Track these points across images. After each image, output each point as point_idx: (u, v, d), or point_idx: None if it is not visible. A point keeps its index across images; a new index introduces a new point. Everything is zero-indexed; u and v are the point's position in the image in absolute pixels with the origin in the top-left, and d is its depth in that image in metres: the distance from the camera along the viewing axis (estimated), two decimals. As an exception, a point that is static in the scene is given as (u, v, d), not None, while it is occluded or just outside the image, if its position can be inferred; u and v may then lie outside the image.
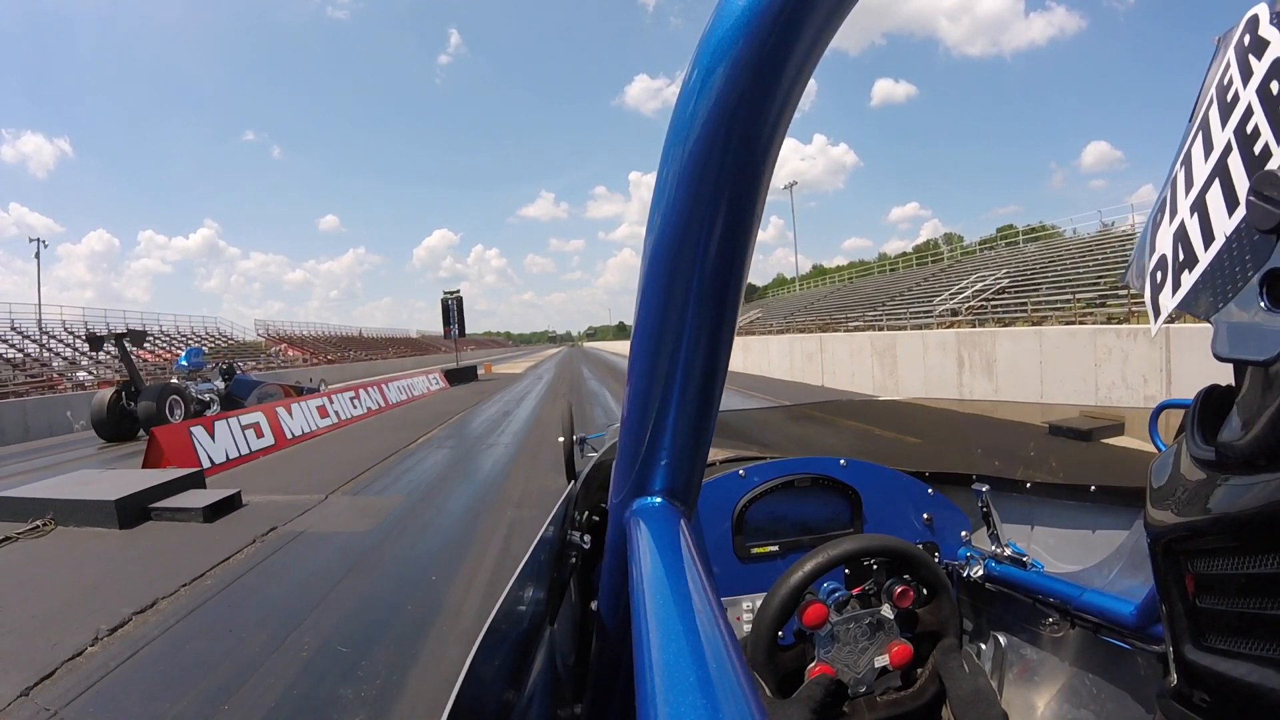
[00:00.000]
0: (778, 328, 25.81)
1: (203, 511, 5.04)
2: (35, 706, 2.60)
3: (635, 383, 0.47)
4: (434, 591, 3.64)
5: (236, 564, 4.13)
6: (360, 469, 7.20)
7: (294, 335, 40.40)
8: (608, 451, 1.31)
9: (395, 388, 15.21)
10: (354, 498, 5.90)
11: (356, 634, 3.14)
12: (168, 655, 2.99)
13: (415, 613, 3.36)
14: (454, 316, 27.76)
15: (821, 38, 0.31)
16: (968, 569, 1.19)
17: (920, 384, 13.10)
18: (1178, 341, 7.80)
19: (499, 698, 0.61)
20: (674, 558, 0.44)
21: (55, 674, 2.85)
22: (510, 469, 7.02)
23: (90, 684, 2.74)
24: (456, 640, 3.02)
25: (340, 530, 4.83)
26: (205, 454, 7.10)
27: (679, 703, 0.28)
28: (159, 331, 29.20)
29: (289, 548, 4.44)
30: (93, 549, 4.56)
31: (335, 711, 2.46)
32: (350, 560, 4.16)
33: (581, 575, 1.08)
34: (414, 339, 64.75)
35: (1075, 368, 9.30)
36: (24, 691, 2.72)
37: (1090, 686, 1.01)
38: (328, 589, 3.68)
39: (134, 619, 3.36)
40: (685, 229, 0.38)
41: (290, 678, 2.72)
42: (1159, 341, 7.86)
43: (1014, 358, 10.66)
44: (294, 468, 7.54)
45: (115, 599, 3.59)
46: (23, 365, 19.71)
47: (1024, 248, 22.67)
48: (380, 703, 2.51)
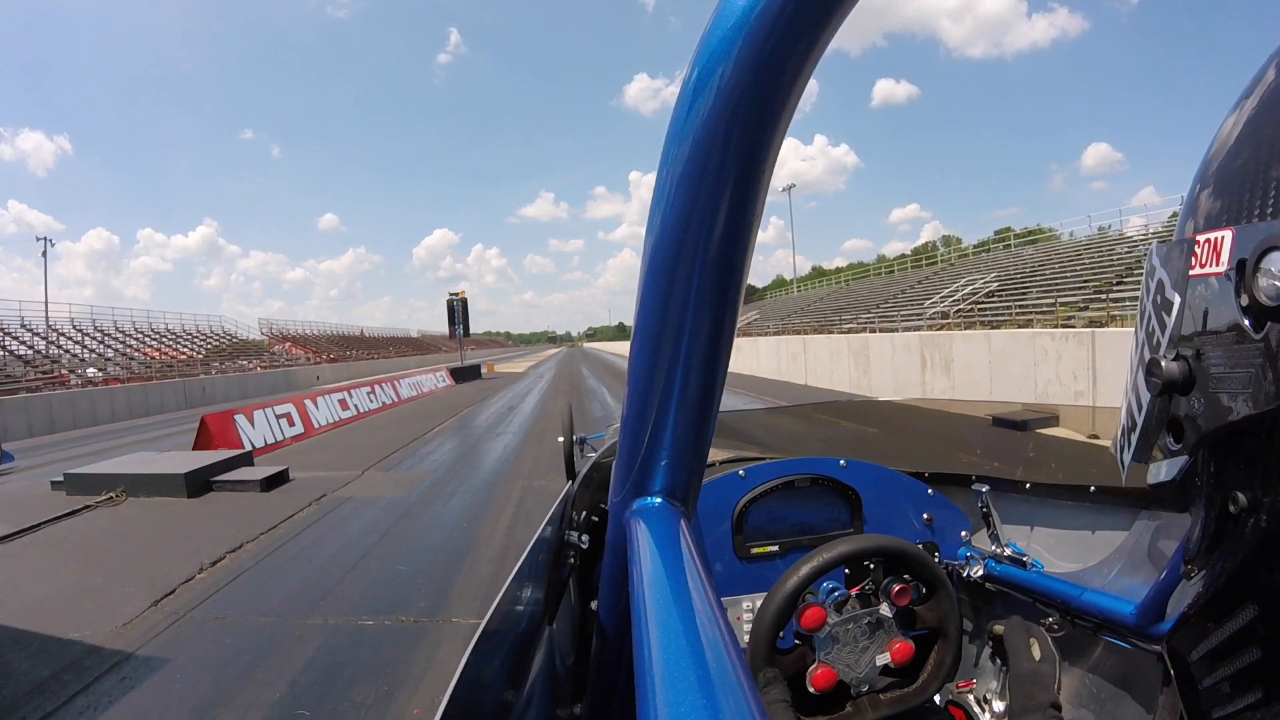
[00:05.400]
0: (774, 329, 26.27)
1: (260, 483, 5.83)
2: (165, 612, 3.39)
3: (635, 383, 0.48)
4: (466, 533, 4.53)
5: (300, 519, 4.95)
6: (387, 451, 8.04)
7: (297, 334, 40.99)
8: (607, 451, 1.33)
9: (406, 384, 16.05)
10: (387, 473, 6.73)
11: (410, 559, 4.02)
12: (263, 577, 3.81)
13: (453, 545, 4.26)
14: (459, 317, 28.69)
15: (822, 38, 0.31)
16: (968, 569, 1.19)
17: (890, 382, 14.11)
18: (1101, 343, 8.90)
19: (497, 698, 0.61)
20: (674, 558, 0.44)
21: (175, 592, 3.64)
22: (519, 451, 7.87)
23: (207, 596, 3.54)
24: (488, 561, 3.94)
25: (382, 495, 5.67)
26: (247, 439, 7.89)
27: (679, 703, 0.28)
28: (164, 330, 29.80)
29: (342, 507, 5.27)
30: (169, 513, 5.35)
31: (405, 604, 3.31)
32: (395, 514, 5.02)
33: (581, 575, 1.08)
34: (415, 338, 65.28)
35: (1018, 366, 10.33)
36: (154, 603, 3.50)
37: (1090, 686, 1.01)
38: (382, 532, 4.54)
39: (227, 556, 4.17)
40: (685, 229, 0.38)
41: (364, 585, 3.59)
42: (1086, 343, 8.88)
43: (968, 358, 11.72)
44: (327, 452, 8.34)
45: (203, 545, 4.37)
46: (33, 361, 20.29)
47: (1017, 251, 22.98)
48: (437, 598, 3.40)
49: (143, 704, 2.47)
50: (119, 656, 2.84)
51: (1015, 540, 1.21)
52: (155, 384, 18.83)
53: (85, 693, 2.55)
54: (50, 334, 23.69)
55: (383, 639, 2.95)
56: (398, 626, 3.08)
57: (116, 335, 26.13)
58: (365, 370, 32.68)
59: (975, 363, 11.47)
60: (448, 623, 3.10)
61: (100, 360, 21.78)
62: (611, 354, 56.23)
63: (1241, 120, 0.31)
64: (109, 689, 2.58)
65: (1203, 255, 0.32)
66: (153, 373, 21.38)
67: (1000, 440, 5.03)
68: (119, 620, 3.23)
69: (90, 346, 23.42)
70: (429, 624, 3.10)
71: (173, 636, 3.05)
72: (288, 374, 25.99)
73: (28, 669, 2.75)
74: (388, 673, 2.63)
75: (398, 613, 3.22)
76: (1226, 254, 0.31)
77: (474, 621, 3.06)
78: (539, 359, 50.37)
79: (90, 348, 23.27)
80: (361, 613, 3.22)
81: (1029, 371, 10.05)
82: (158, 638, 3.03)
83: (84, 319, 26.71)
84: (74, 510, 5.42)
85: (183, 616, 3.29)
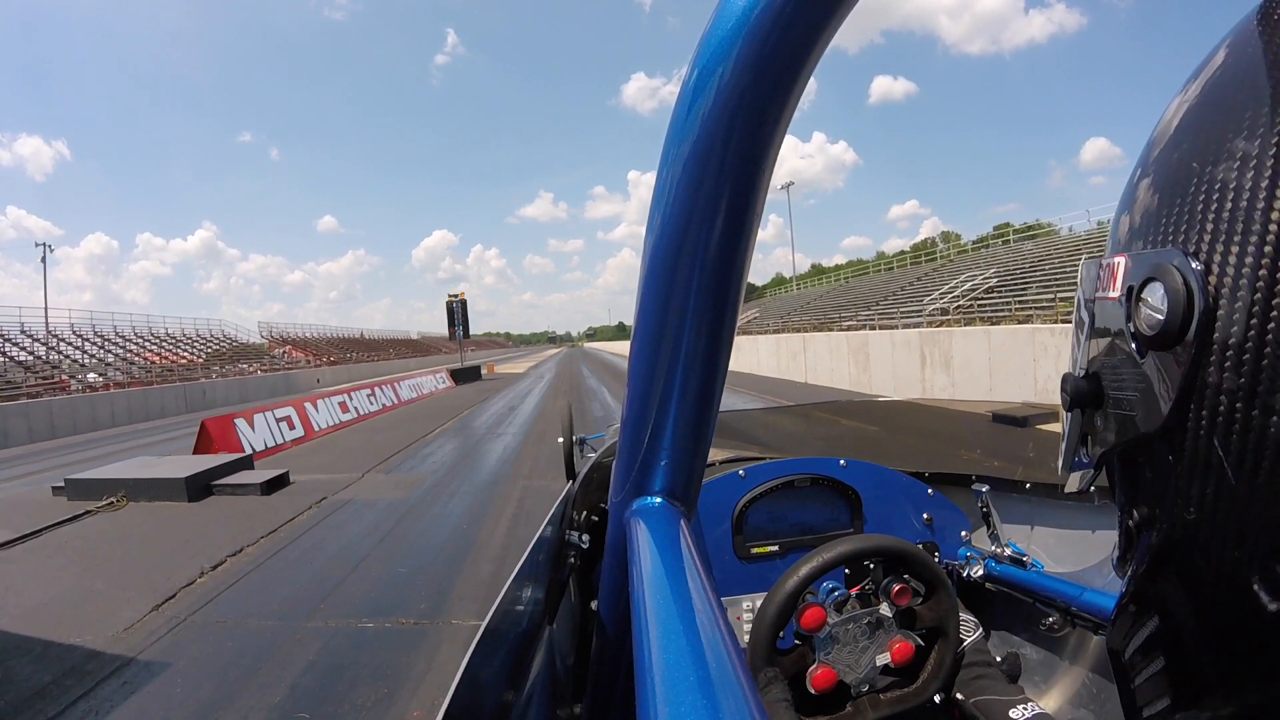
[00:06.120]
0: (774, 327, 26.28)
1: (261, 486, 5.84)
2: (166, 617, 3.39)
3: (635, 383, 0.47)
4: (466, 533, 4.53)
5: (301, 522, 4.95)
6: (388, 454, 8.04)
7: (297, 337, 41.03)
8: (607, 451, 1.32)
9: (406, 386, 16.05)
10: (387, 475, 6.73)
11: (411, 561, 4.02)
12: (264, 580, 3.81)
13: (453, 546, 4.26)
14: (459, 318, 28.73)
15: (822, 38, 0.31)
16: (968, 569, 1.18)
17: (889, 379, 14.11)
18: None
19: (498, 698, 0.62)
20: (674, 558, 0.44)
21: (176, 596, 3.64)
22: (519, 452, 7.87)
23: (208, 600, 3.54)
24: (488, 561, 3.93)
25: (382, 497, 5.67)
26: (247, 443, 7.89)
27: (679, 703, 0.28)
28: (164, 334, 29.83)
29: (343, 510, 5.27)
30: (170, 517, 5.35)
31: (405, 606, 3.31)
32: (396, 516, 5.02)
33: (581, 575, 1.08)
34: (415, 340, 65.44)
35: (1018, 362, 10.33)
36: (155, 607, 3.51)
37: (1090, 686, 1.00)
38: (383, 534, 4.54)
39: (228, 559, 4.17)
40: (685, 229, 0.38)
41: (365, 588, 3.58)
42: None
43: (967, 355, 11.70)
44: (328, 454, 8.34)
45: (204, 549, 4.38)
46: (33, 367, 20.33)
47: (1017, 246, 22.97)
48: (437, 599, 3.39)
49: (144, 708, 2.47)
50: (120, 661, 2.85)
51: (1015, 540, 1.20)
52: (155, 388, 18.87)
53: (87, 697, 2.55)
54: (50, 339, 23.73)
55: (383, 641, 2.96)
56: (398, 629, 3.09)
57: (116, 340, 26.15)
58: (365, 372, 32.72)
59: (975, 359, 11.45)
60: (448, 624, 3.11)
61: (100, 365, 21.80)
62: (611, 354, 56.32)
63: (1182, 108, 0.30)
64: (110, 693, 2.58)
65: (1103, 279, 0.33)
66: (153, 377, 21.41)
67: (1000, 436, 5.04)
68: (120, 625, 3.24)
69: (90, 351, 23.46)
70: (429, 626, 3.10)
71: (174, 640, 3.05)
72: (288, 377, 26.03)
73: (30, 674, 2.75)
74: (388, 675, 2.64)
75: (398, 615, 3.22)
76: (1120, 279, 0.32)
77: (474, 623, 3.07)
78: (539, 359, 50.38)
79: (90, 353, 23.30)
80: (362, 615, 3.23)
81: (1029, 367, 10.04)
82: (159, 642, 3.04)
83: (84, 324, 26.77)
84: (75, 515, 5.43)
85: (184, 620, 3.29)
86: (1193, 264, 0.27)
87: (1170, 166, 0.30)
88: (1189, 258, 0.27)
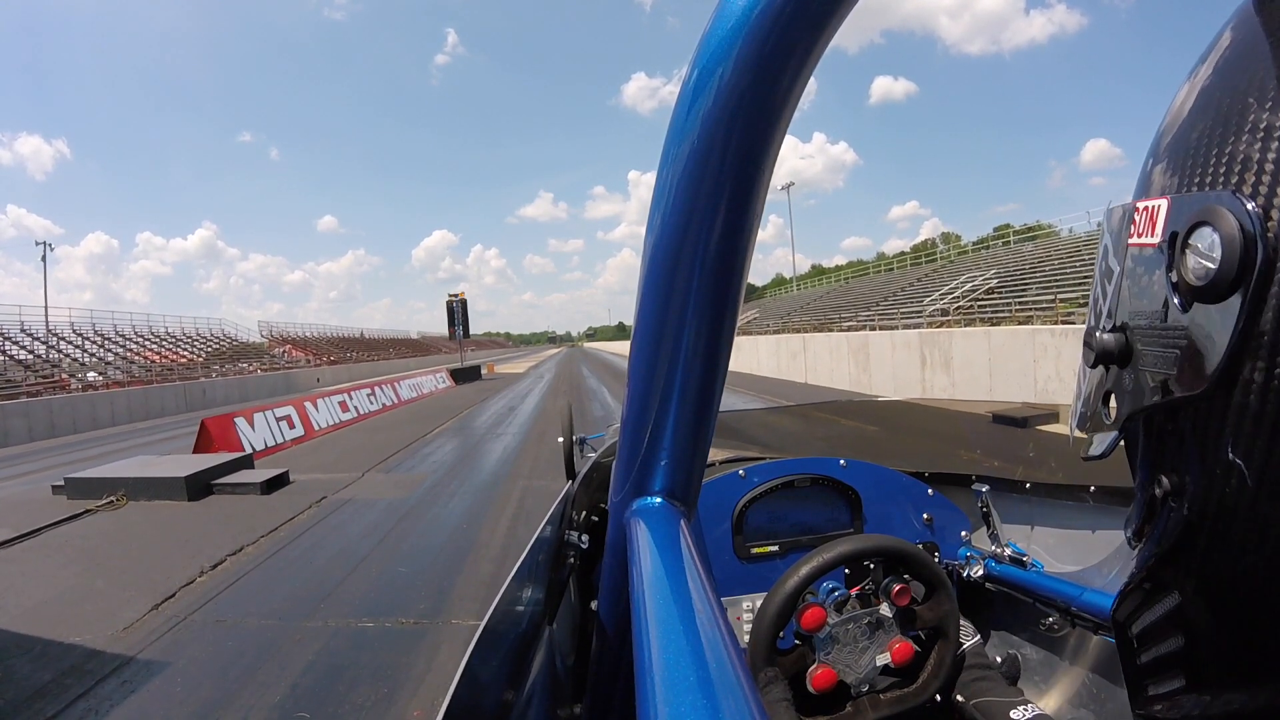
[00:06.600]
0: (774, 328, 26.24)
1: (261, 485, 5.84)
2: (165, 616, 3.39)
3: (635, 383, 0.47)
4: (466, 533, 4.53)
5: (300, 522, 4.95)
6: (388, 453, 8.04)
7: (297, 337, 41.03)
8: (607, 451, 1.32)
9: (406, 385, 16.05)
10: (387, 474, 6.73)
11: (410, 560, 4.02)
12: (264, 579, 3.81)
13: (453, 546, 4.26)
14: (459, 318, 28.73)
15: (822, 38, 0.31)
16: (968, 569, 1.19)
17: (890, 379, 14.10)
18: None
19: (497, 698, 0.62)
20: (674, 558, 0.44)
21: (176, 595, 3.64)
22: (519, 451, 7.87)
23: (208, 599, 3.54)
24: (488, 561, 3.94)
25: (382, 497, 5.67)
26: (247, 442, 7.89)
27: (679, 703, 0.28)
28: (164, 333, 29.83)
29: (343, 509, 5.27)
30: (170, 516, 5.35)
31: (405, 606, 3.31)
32: (395, 515, 5.02)
33: (581, 575, 1.08)
34: (415, 340, 65.41)
35: (1018, 363, 10.32)
36: (155, 606, 3.51)
37: (1090, 686, 1.01)
38: (383, 534, 4.54)
39: (228, 559, 4.17)
40: (685, 229, 0.38)
41: (365, 588, 3.59)
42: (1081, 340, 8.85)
43: (968, 355, 11.70)
44: (328, 454, 8.33)
45: (204, 548, 4.38)
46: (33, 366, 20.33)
47: (1017, 247, 22.94)
48: (437, 599, 3.40)
49: (144, 707, 2.47)
50: (120, 660, 2.85)
51: (1015, 540, 1.20)
52: (155, 387, 18.87)
53: (86, 696, 2.55)
54: (50, 338, 23.72)
55: (383, 641, 2.96)
56: (398, 628, 3.09)
57: (116, 339, 26.15)
58: (365, 372, 32.70)
59: (975, 360, 11.45)
60: (448, 624, 3.11)
61: (100, 364, 21.80)
62: (612, 353, 56.35)
63: (1195, 89, 0.29)
64: (110, 692, 2.58)
65: (1140, 224, 0.31)
66: (153, 376, 21.40)
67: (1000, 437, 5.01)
68: (120, 624, 3.24)
69: (90, 350, 23.45)
70: (429, 626, 3.10)
71: (174, 640, 3.05)
72: (288, 376, 26.03)
73: (29, 673, 2.75)
74: (388, 675, 2.64)
75: (398, 615, 3.22)
76: (1161, 225, 0.29)
77: (474, 623, 3.07)
78: (539, 359, 50.39)
79: (90, 352, 23.29)
80: (362, 615, 3.23)
81: (1029, 368, 10.03)
82: (159, 641, 3.04)
83: (84, 323, 26.74)
84: (75, 514, 5.43)
85: (184, 620, 3.29)
86: (1249, 205, 0.25)
87: (1220, 107, 0.28)
88: (1245, 200, 0.25)
